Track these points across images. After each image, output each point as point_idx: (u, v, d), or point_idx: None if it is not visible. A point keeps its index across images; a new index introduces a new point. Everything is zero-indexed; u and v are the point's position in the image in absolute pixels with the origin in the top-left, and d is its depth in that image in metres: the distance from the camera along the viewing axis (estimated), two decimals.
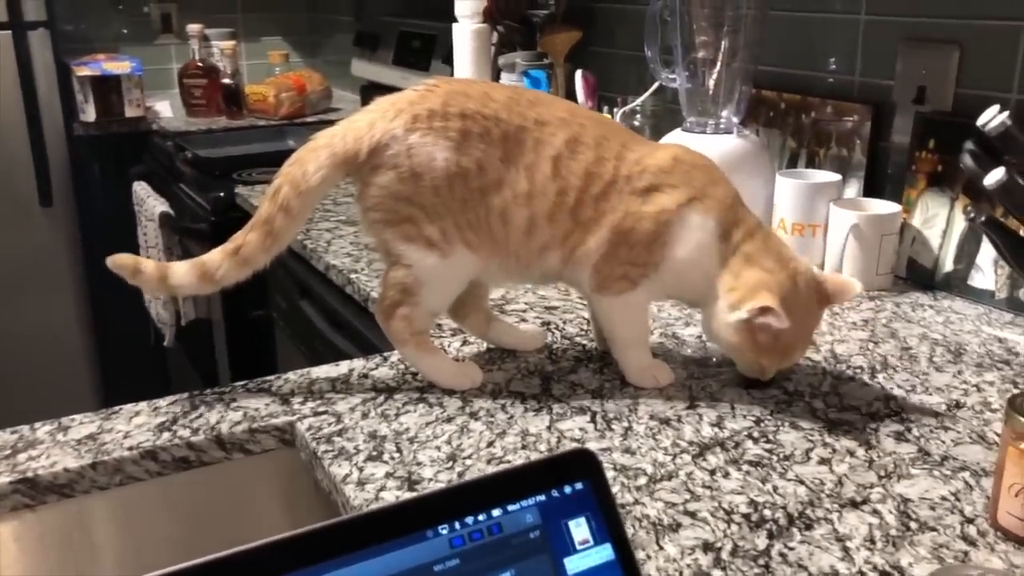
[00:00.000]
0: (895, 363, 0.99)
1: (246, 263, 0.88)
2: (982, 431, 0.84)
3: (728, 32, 1.32)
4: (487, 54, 1.88)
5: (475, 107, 0.85)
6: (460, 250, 0.87)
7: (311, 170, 0.85)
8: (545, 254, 0.88)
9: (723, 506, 0.73)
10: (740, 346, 0.87)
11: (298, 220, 0.88)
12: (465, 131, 0.84)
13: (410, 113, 0.85)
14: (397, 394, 0.92)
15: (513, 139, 0.85)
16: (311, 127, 2.62)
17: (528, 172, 0.85)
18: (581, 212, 0.86)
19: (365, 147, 0.85)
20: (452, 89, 0.87)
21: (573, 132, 0.86)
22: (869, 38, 1.35)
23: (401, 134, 0.84)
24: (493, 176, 0.85)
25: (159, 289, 0.91)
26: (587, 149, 0.86)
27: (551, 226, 0.86)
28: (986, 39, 1.19)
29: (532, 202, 0.85)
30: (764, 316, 0.83)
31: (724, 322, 0.87)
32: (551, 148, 0.85)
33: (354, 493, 0.75)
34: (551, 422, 0.86)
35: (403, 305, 0.89)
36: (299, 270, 1.58)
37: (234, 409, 0.89)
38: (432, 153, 0.84)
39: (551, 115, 0.86)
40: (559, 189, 0.85)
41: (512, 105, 0.86)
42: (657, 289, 0.90)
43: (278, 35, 3.29)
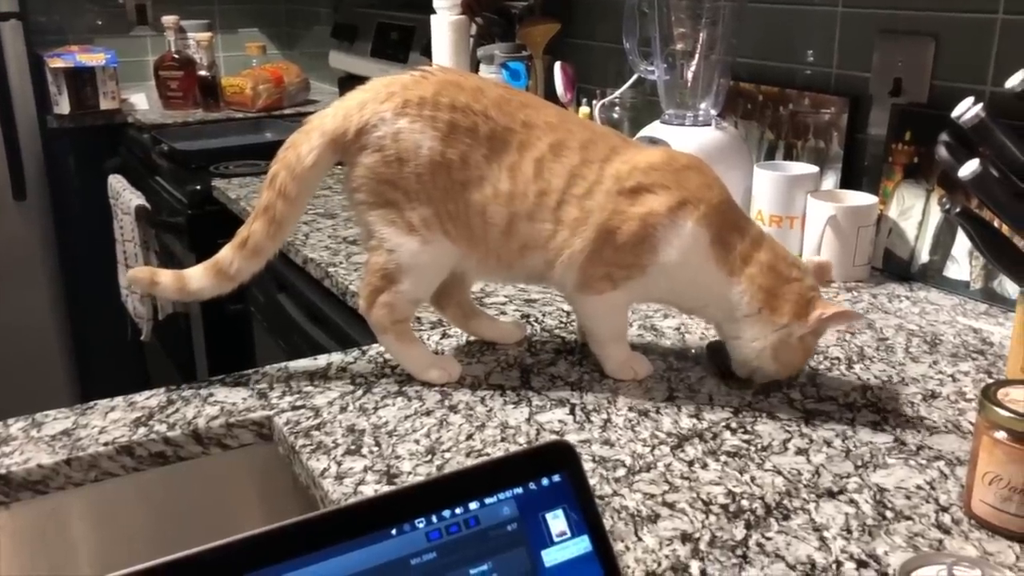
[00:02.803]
0: (872, 354, 1.00)
1: (256, 253, 0.89)
2: (957, 420, 0.85)
3: (706, 24, 1.32)
4: (466, 46, 1.87)
5: (466, 100, 0.85)
6: (440, 238, 0.87)
7: (304, 152, 0.86)
8: (526, 254, 0.88)
9: (701, 497, 0.73)
10: (797, 359, 0.88)
11: (298, 204, 0.88)
12: (453, 123, 0.84)
13: (402, 97, 0.85)
14: (376, 388, 0.91)
15: (499, 138, 0.85)
16: (289, 119, 2.63)
17: (510, 172, 0.85)
18: (565, 211, 0.85)
19: (353, 126, 0.85)
20: (446, 79, 0.87)
21: (559, 137, 0.86)
22: (846, 30, 1.36)
23: (390, 117, 0.84)
24: (475, 172, 0.85)
25: (180, 297, 0.93)
26: (572, 152, 0.85)
27: (531, 226, 0.86)
28: (961, 31, 1.19)
29: (512, 202, 0.85)
30: (839, 319, 0.85)
31: (776, 340, 0.86)
32: (535, 151, 0.85)
33: (332, 487, 0.75)
34: (530, 414, 0.86)
35: (384, 292, 0.89)
36: (277, 264, 1.57)
37: (211, 403, 0.88)
38: (418, 140, 0.84)
39: (539, 119, 0.86)
40: (539, 191, 0.85)
41: (502, 104, 0.86)
42: (641, 292, 0.90)
43: (255, 27, 3.26)
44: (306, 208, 0.94)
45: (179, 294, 0.91)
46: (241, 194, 1.76)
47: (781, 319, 0.85)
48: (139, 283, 0.91)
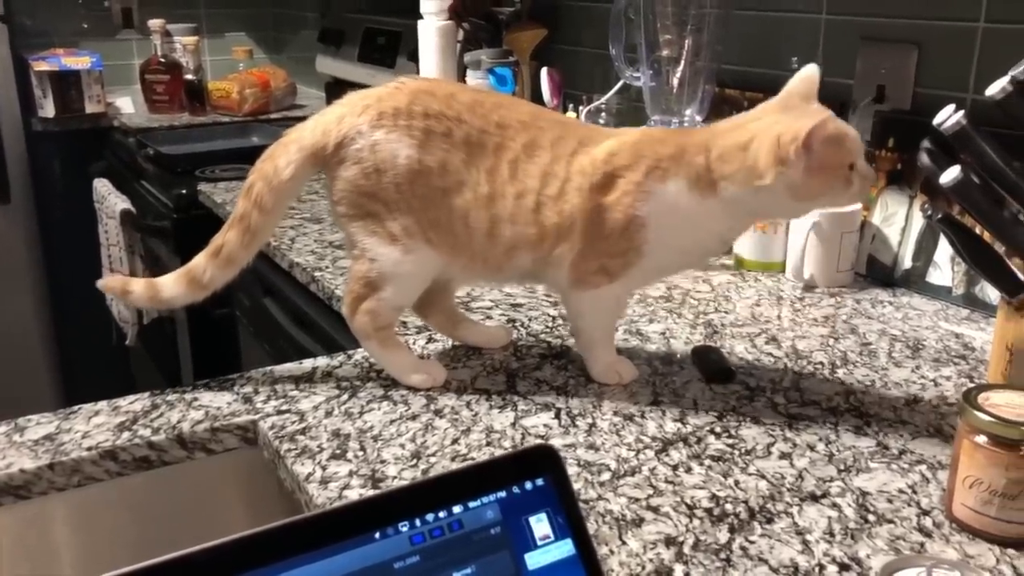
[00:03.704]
0: (855, 358, 1.00)
1: (230, 262, 0.89)
2: (939, 425, 0.86)
3: (692, 31, 1.33)
4: (453, 51, 1.87)
5: (439, 107, 0.85)
6: (422, 247, 0.87)
7: (281, 164, 0.87)
8: (514, 255, 0.88)
9: (685, 501, 0.73)
10: (828, 183, 0.81)
11: (273, 215, 0.89)
12: (428, 130, 0.85)
13: (377, 109, 0.85)
14: (361, 392, 0.91)
15: (475, 142, 0.85)
16: (275, 123, 2.62)
17: (488, 175, 0.85)
18: (544, 214, 0.86)
19: (332, 140, 0.86)
20: (419, 88, 0.87)
21: (531, 135, 0.86)
22: (829, 38, 1.37)
23: (367, 129, 0.85)
24: (455, 177, 0.85)
25: (153, 305, 0.93)
26: (543, 151, 0.86)
27: (514, 228, 0.86)
28: (943, 40, 1.21)
29: (492, 204, 0.85)
30: (813, 137, 0.78)
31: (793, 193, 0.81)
32: (510, 152, 0.85)
33: (317, 492, 0.75)
34: (516, 419, 0.86)
35: (367, 299, 0.89)
36: (263, 268, 1.57)
37: (196, 408, 0.88)
38: (396, 150, 0.84)
39: (513, 119, 0.86)
40: (517, 192, 0.85)
41: (476, 108, 0.86)
42: (643, 276, 0.90)
43: (242, 31, 3.25)
44: (282, 219, 0.95)
45: (151, 303, 0.92)
46: (227, 198, 1.76)
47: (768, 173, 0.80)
48: (112, 291, 0.92)
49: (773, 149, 0.79)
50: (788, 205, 0.83)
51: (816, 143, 0.78)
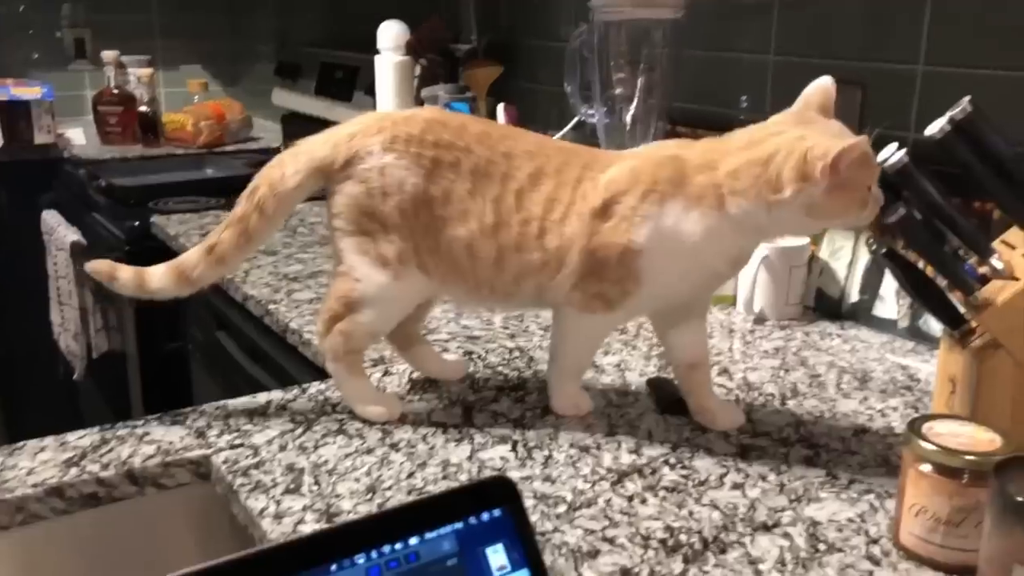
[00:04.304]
0: (805, 390, 1.02)
1: (221, 262, 0.89)
2: (886, 455, 0.87)
3: (644, 70, 1.36)
4: (410, 86, 1.89)
5: (450, 137, 0.86)
6: (413, 273, 0.87)
7: (289, 172, 0.88)
8: (522, 283, 0.88)
9: (640, 532, 0.74)
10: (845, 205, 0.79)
11: (273, 221, 0.89)
12: (437, 160, 0.86)
13: (391, 133, 0.87)
14: (316, 426, 0.91)
15: (482, 172, 0.86)
16: (231, 156, 2.61)
17: (495, 205, 0.86)
18: (548, 239, 0.86)
19: (342, 156, 0.87)
20: (433, 117, 0.89)
21: (537, 164, 0.87)
22: (778, 78, 1.41)
23: (378, 151, 0.86)
24: (458, 207, 0.86)
25: (138, 294, 0.92)
26: (548, 179, 0.86)
27: (520, 257, 0.86)
28: (885, 81, 1.25)
29: (498, 234, 0.86)
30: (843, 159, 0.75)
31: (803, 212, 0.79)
32: (515, 182, 0.86)
33: (271, 527, 0.74)
34: (472, 452, 0.86)
35: (343, 320, 0.89)
36: (216, 301, 1.55)
37: (147, 442, 0.87)
38: (404, 177, 0.85)
39: (519, 149, 0.87)
40: (522, 220, 0.86)
41: (484, 139, 0.87)
42: (651, 299, 0.88)
43: (197, 63, 3.24)
44: (279, 228, 0.95)
45: (137, 291, 0.91)
46: (181, 231, 1.74)
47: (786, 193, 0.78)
48: (99, 275, 0.91)
49: (799, 165, 0.77)
50: (800, 222, 0.81)
51: (844, 164, 0.76)
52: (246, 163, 2.47)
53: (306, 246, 1.57)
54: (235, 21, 3.31)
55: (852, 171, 0.76)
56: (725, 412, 0.93)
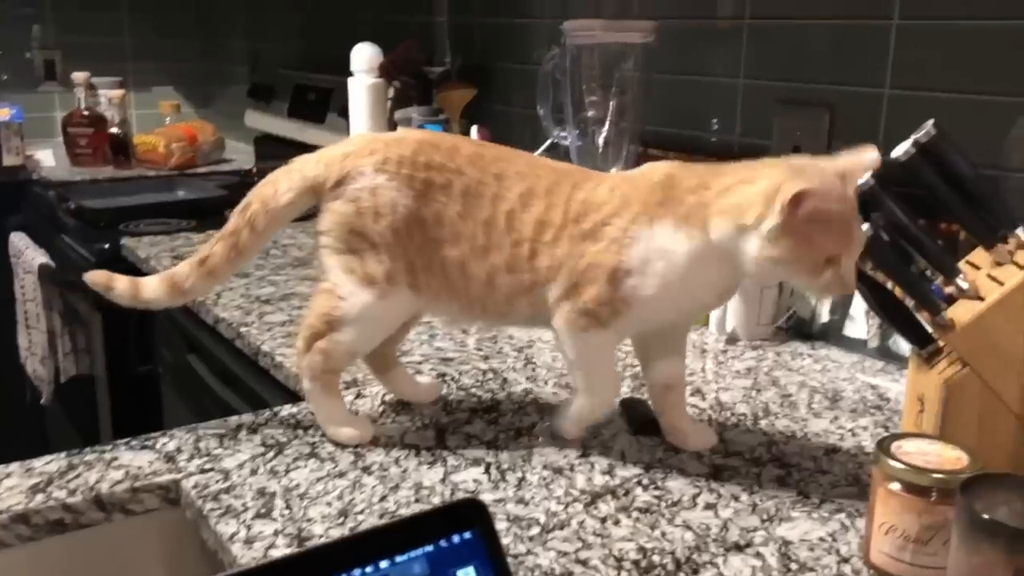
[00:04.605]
0: (776, 410, 1.03)
1: (211, 274, 0.91)
2: (857, 474, 0.88)
3: (616, 93, 1.37)
4: (383, 109, 1.89)
5: (441, 159, 0.87)
6: (402, 292, 0.87)
7: (282, 190, 0.89)
8: (515, 302, 0.88)
9: (614, 553, 0.74)
10: (793, 255, 0.77)
11: (263, 237, 0.91)
12: (428, 181, 0.86)
13: (384, 154, 0.87)
14: (287, 449, 0.90)
15: (473, 193, 0.86)
16: (203, 178, 2.60)
17: (485, 226, 0.86)
18: (539, 260, 0.85)
19: (334, 175, 0.88)
20: (425, 139, 0.89)
21: (528, 185, 0.87)
22: (747, 100, 1.43)
23: (369, 172, 0.86)
24: (450, 228, 0.86)
25: (133, 304, 0.94)
26: (538, 200, 0.86)
27: (511, 277, 0.86)
28: (852, 103, 1.27)
29: (489, 255, 0.86)
30: (801, 203, 0.74)
31: (760, 244, 0.77)
32: (506, 203, 0.86)
33: (241, 552, 0.73)
34: (445, 474, 0.86)
35: (324, 338, 0.89)
36: (187, 323, 1.54)
37: (115, 468, 0.86)
38: (395, 199, 0.86)
39: (511, 170, 0.87)
40: (513, 242, 0.86)
41: (476, 160, 0.87)
42: (642, 321, 0.86)
43: (169, 85, 3.23)
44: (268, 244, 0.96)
45: (132, 301, 0.93)
46: (152, 253, 1.72)
47: (749, 219, 0.78)
48: (96, 285, 0.93)
49: (770, 192, 0.77)
50: (761, 258, 0.78)
51: (804, 208, 0.74)
52: (218, 185, 2.46)
53: (279, 268, 1.56)
54: (208, 43, 3.30)
55: (812, 222, 0.75)
56: (697, 432, 0.93)
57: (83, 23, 3.05)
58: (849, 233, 0.78)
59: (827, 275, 0.78)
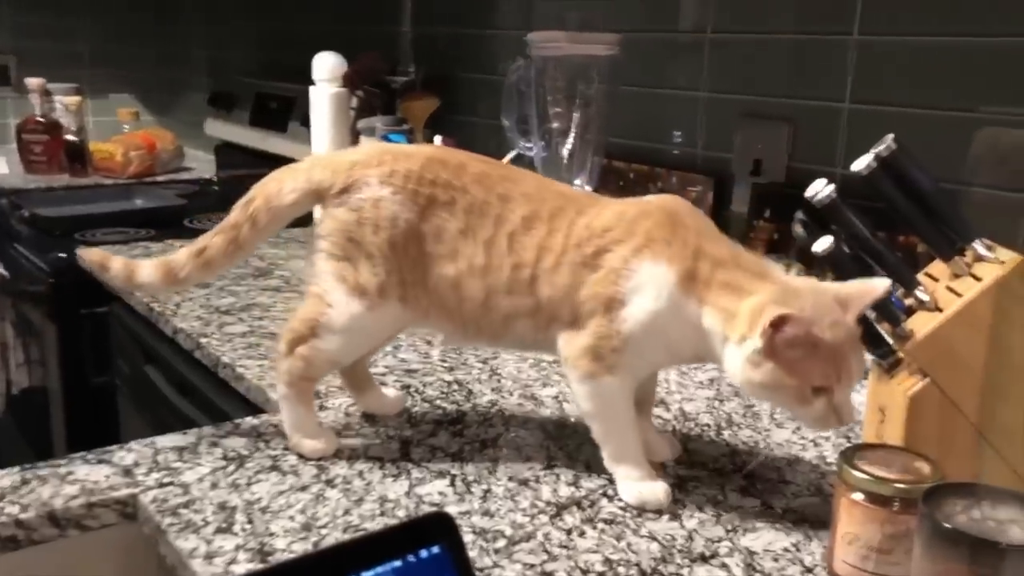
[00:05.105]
0: (740, 420, 1.03)
1: (208, 266, 0.91)
2: (819, 484, 0.89)
3: (580, 105, 1.38)
4: (346, 118, 1.88)
5: (448, 176, 0.86)
6: (392, 305, 0.87)
7: (286, 189, 0.89)
8: (512, 324, 0.86)
9: (579, 565, 0.73)
10: (776, 381, 0.74)
11: (263, 234, 0.90)
12: (433, 198, 0.85)
13: (391, 167, 0.87)
14: (249, 462, 0.88)
15: (476, 212, 0.85)
16: (161, 187, 2.56)
17: (486, 247, 0.85)
18: (539, 288, 0.84)
19: (339, 183, 0.87)
20: (434, 155, 0.88)
21: (532, 208, 0.85)
22: (710, 114, 1.44)
23: (375, 183, 0.86)
24: (449, 245, 0.85)
25: (127, 286, 0.95)
26: (541, 224, 0.85)
27: (510, 299, 0.85)
28: (813, 118, 1.29)
29: (488, 275, 0.85)
30: (783, 327, 0.72)
31: (742, 363, 0.75)
32: (509, 224, 0.85)
33: (201, 568, 0.71)
34: (410, 487, 0.85)
35: (306, 344, 0.88)
36: (145, 334, 1.52)
37: (70, 482, 0.84)
38: (397, 212, 0.85)
39: (517, 191, 0.86)
40: (513, 264, 0.84)
41: (483, 179, 0.86)
42: (640, 362, 0.83)
43: (127, 92, 3.19)
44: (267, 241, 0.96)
45: (127, 283, 0.93)
46: None
47: (735, 334, 0.76)
48: (91, 264, 0.92)
49: (755, 311, 0.74)
50: (744, 380, 0.76)
51: (784, 333, 0.72)
52: (178, 194, 2.43)
53: (239, 278, 1.54)
54: (167, 49, 3.26)
55: (794, 348, 0.73)
56: (662, 443, 0.93)
57: (38, 28, 3.00)
58: (838, 363, 0.74)
59: (818, 406, 0.75)
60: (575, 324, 0.83)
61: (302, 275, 1.59)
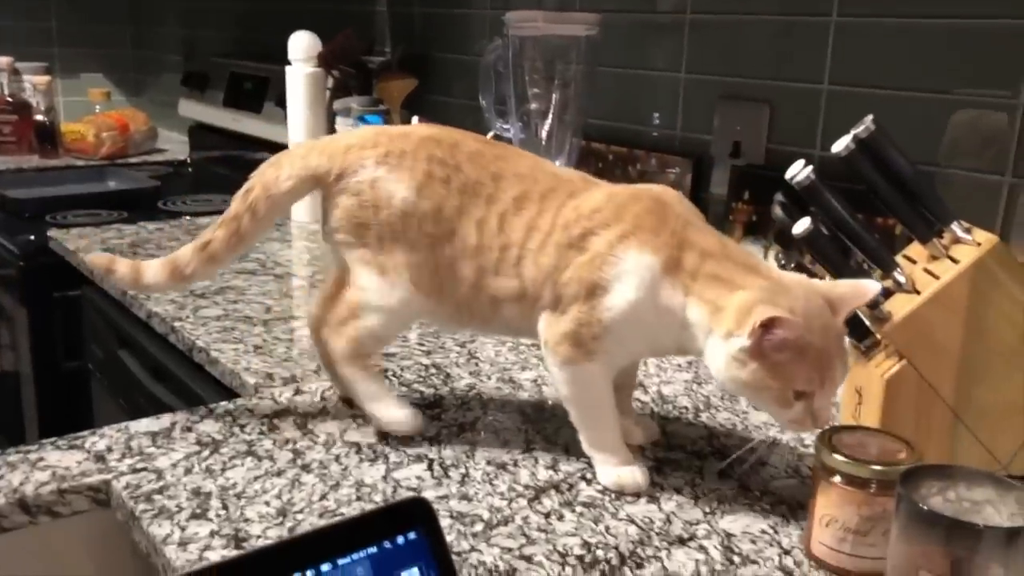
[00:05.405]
0: (717, 403, 1.03)
1: (212, 260, 0.91)
2: (797, 466, 0.89)
3: (559, 86, 1.37)
4: (322, 98, 1.86)
5: (442, 155, 0.86)
6: (408, 287, 0.87)
7: (284, 175, 0.89)
8: (500, 308, 0.85)
9: (558, 549, 0.73)
10: (759, 382, 0.73)
11: (264, 223, 0.90)
12: (429, 174, 0.85)
13: (386, 148, 0.87)
14: (223, 448, 0.87)
15: (470, 191, 0.85)
16: (134, 168, 2.52)
17: (478, 226, 0.84)
18: (524, 267, 0.83)
19: (336, 168, 0.87)
20: (429, 135, 0.88)
21: (524, 188, 0.84)
22: (689, 95, 1.43)
23: (371, 165, 0.86)
24: (447, 225, 0.85)
25: (135, 288, 0.95)
26: (532, 204, 0.84)
27: (497, 281, 0.84)
28: (792, 99, 1.28)
29: (479, 256, 0.84)
30: (773, 330, 0.70)
31: (725, 359, 0.74)
32: (501, 204, 0.84)
33: (175, 554, 0.70)
34: (387, 471, 0.84)
35: (349, 324, 0.89)
36: (118, 318, 1.49)
37: (41, 468, 0.82)
38: (393, 190, 0.85)
39: (510, 170, 0.85)
40: (502, 245, 0.83)
41: (477, 158, 0.86)
42: (620, 350, 0.82)
43: (99, 72, 3.13)
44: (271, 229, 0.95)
45: (133, 285, 0.93)
46: (81, 245, 1.67)
47: (720, 329, 0.74)
48: (98, 268, 0.92)
49: (744, 308, 0.73)
50: (727, 377, 0.75)
51: (774, 336, 0.71)
52: (151, 175, 2.39)
53: None
54: (140, 29, 3.21)
55: (783, 351, 0.71)
56: (640, 426, 0.93)
57: (5, 5, 2.94)
58: (824, 369, 0.73)
59: (796, 408, 0.74)
60: (556, 307, 0.82)
61: (277, 258, 1.57)
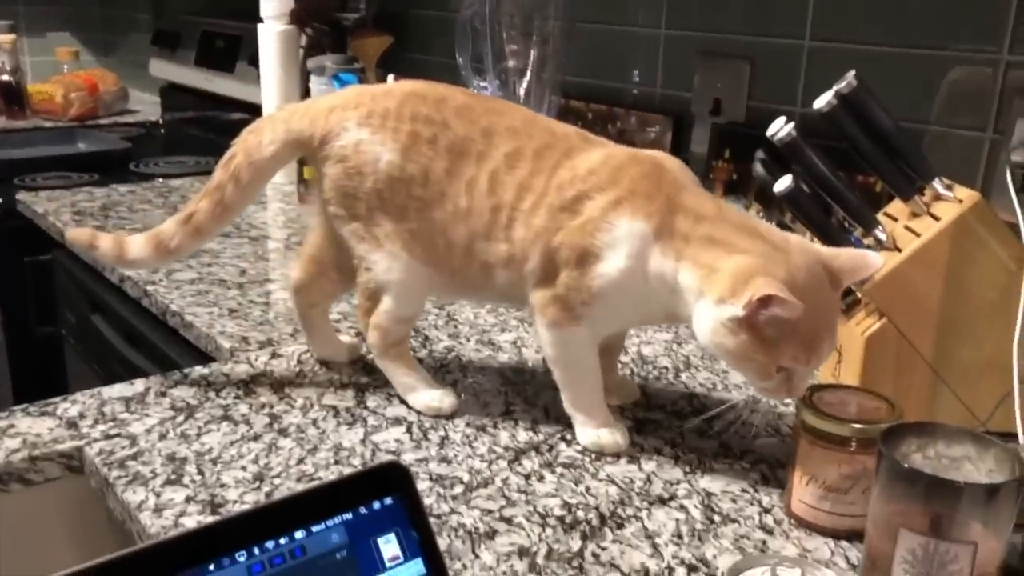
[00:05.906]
0: (697, 363, 1.03)
1: (198, 232, 0.88)
2: (777, 425, 0.89)
3: (537, 43, 1.34)
4: (295, 57, 1.82)
5: (427, 111, 0.82)
6: (406, 256, 0.84)
7: (266, 141, 0.86)
8: (490, 274, 0.82)
9: (538, 510, 0.73)
10: (745, 352, 0.71)
11: (248, 191, 0.87)
12: (415, 134, 0.81)
13: (368, 108, 0.83)
14: (199, 413, 0.86)
15: (459, 150, 0.81)
16: (105, 129, 2.47)
17: (468, 187, 0.80)
18: (515, 229, 0.80)
19: (319, 131, 0.84)
20: (412, 90, 0.85)
21: (517, 144, 0.80)
22: (669, 52, 1.41)
23: (353, 127, 0.83)
24: (436, 188, 0.81)
25: (118, 264, 0.92)
26: (525, 162, 0.80)
27: (488, 245, 0.81)
28: (773, 56, 1.27)
29: (469, 219, 0.81)
30: (768, 308, 0.68)
31: (714, 324, 0.71)
32: (492, 162, 0.80)
33: (150, 521, 0.70)
34: (365, 435, 0.83)
35: (372, 314, 0.87)
36: (90, 282, 1.47)
37: (11, 436, 0.81)
38: (378, 153, 0.82)
39: (501, 126, 0.81)
40: (493, 206, 0.80)
41: (465, 113, 0.82)
42: (609, 317, 0.80)
43: (66, 31, 3.05)
44: (257, 197, 0.92)
45: (117, 261, 0.90)
46: (50, 208, 1.63)
47: (713, 293, 0.71)
48: (79, 243, 0.89)
49: (740, 275, 0.70)
50: (713, 342, 0.72)
51: (769, 312, 0.68)
52: (122, 137, 2.34)
53: None
54: None
55: (774, 326, 0.69)
56: (620, 387, 0.93)
57: None
58: (812, 348, 0.71)
59: (775, 380, 0.72)
60: (545, 276, 0.79)
61: (252, 220, 1.54)
